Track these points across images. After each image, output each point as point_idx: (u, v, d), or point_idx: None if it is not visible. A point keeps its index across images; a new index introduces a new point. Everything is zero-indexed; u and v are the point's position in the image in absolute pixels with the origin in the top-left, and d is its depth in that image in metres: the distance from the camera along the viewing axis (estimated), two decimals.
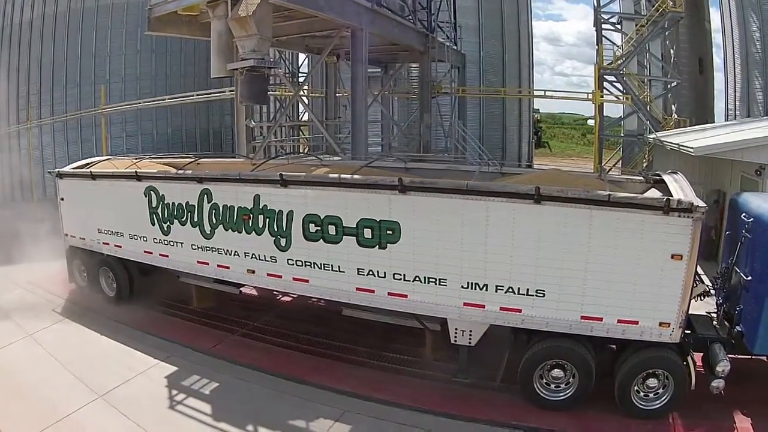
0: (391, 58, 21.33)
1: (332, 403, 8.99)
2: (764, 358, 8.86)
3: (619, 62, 27.57)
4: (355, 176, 9.03)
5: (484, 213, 8.16)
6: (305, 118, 24.07)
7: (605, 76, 27.44)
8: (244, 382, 9.90)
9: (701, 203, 7.54)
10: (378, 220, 8.85)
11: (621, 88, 27.76)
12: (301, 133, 26.51)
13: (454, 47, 21.76)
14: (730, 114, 33.04)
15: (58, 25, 32.81)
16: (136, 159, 14.57)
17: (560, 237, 7.93)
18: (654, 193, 8.97)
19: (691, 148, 14.82)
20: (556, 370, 8.45)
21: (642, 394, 8.31)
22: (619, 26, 32.37)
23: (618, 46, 29.35)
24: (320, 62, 17.59)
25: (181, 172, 11.75)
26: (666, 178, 9.01)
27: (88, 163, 14.74)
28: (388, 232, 8.80)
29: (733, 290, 9.01)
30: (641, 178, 10.03)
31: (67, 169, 14.62)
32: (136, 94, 32.54)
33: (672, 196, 7.91)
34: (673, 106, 31.83)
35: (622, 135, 29.86)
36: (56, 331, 13.41)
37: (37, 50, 33.17)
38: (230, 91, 18.73)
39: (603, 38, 30.32)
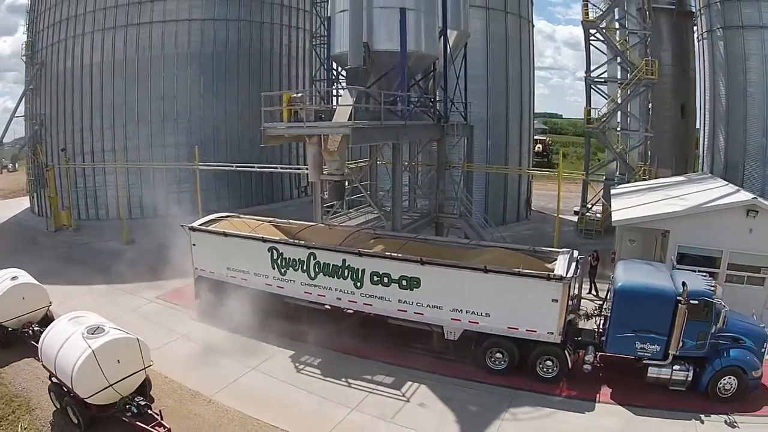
0: None
1: (379, 367, 16.31)
2: (629, 357, 15.12)
3: (602, 120, 34.88)
4: (398, 254, 16.77)
5: (461, 276, 15.83)
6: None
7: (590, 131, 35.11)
8: (330, 357, 16.77)
9: (569, 274, 14.99)
10: (410, 276, 16.50)
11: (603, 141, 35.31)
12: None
13: (464, 122, 28.56)
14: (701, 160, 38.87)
15: (129, 68, 37.11)
16: (246, 218, 20.57)
17: (497, 288, 15.48)
18: (556, 263, 16.39)
19: (615, 219, 20.95)
20: (497, 353, 16.01)
21: (544, 369, 15.61)
22: (605, 86, 38.85)
23: (603, 103, 35.89)
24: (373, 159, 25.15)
25: (295, 241, 18.44)
26: (560, 256, 16.41)
27: (210, 220, 20.66)
28: (414, 282, 16.48)
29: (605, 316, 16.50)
30: (552, 251, 17.52)
31: (196, 224, 20.09)
32: (200, 132, 38.16)
33: (555, 270, 15.56)
34: (648, 152, 37.86)
35: (603, 179, 36.58)
36: (199, 331, 18.10)
37: (109, 89, 37.40)
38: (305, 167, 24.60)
39: (592, 93, 36.40)
